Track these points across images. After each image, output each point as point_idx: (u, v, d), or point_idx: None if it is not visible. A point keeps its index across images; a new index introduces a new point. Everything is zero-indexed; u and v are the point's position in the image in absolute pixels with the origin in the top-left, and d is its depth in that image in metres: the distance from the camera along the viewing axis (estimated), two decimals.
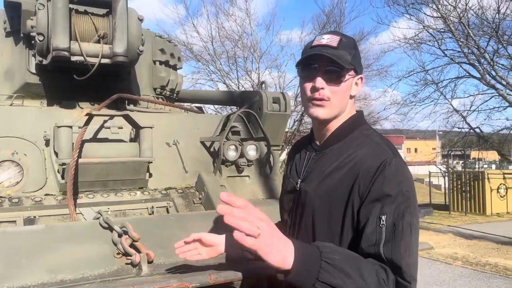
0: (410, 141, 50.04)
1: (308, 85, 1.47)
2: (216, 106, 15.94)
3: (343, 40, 1.46)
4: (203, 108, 5.51)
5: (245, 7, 18.84)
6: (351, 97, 1.52)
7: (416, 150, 47.48)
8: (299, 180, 1.57)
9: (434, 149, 27.98)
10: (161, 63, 4.19)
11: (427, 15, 13.58)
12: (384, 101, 16.87)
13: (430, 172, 20.82)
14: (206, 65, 18.97)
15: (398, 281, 1.25)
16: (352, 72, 1.47)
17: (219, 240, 1.78)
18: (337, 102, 1.47)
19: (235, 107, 4.32)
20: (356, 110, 1.58)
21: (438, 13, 12.91)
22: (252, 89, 17.54)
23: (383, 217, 1.28)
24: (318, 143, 1.58)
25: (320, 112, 1.47)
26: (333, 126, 1.52)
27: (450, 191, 17.50)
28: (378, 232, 1.28)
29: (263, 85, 4.00)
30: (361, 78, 1.52)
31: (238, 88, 18.16)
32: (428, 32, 13.80)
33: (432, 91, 14.84)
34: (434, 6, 12.98)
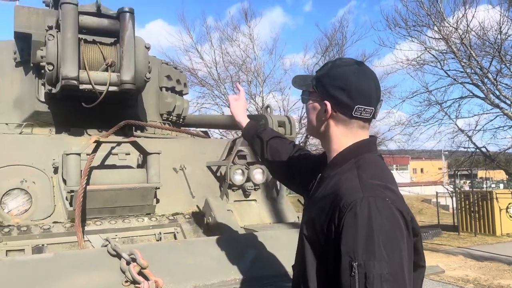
0: (416, 161, 49.73)
1: None
2: (222, 130, 16.00)
3: (321, 68, 1.55)
4: (209, 132, 5.54)
5: (248, 32, 19.15)
6: (323, 120, 1.50)
7: (422, 170, 47.15)
8: (308, 199, 1.61)
9: (440, 169, 27.76)
10: (167, 89, 4.25)
11: (429, 37, 13.75)
12: (388, 122, 16.88)
13: (437, 193, 20.61)
14: (211, 90, 19.20)
15: None
16: (315, 96, 1.52)
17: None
18: (308, 122, 1.60)
19: (240, 131, 4.34)
20: (370, 135, 1.53)
21: (440, 35, 13.06)
22: (256, 113, 17.64)
23: (355, 264, 1.22)
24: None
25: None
26: (325, 148, 1.56)
27: (458, 211, 17.27)
28: (352, 283, 1.22)
29: (268, 109, 4.03)
30: (325, 103, 1.47)
31: None
32: (430, 53, 13.94)
33: (436, 111, 14.86)
34: (436, 28, 13.14)
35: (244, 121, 2.12)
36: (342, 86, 1.43)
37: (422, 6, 13.27)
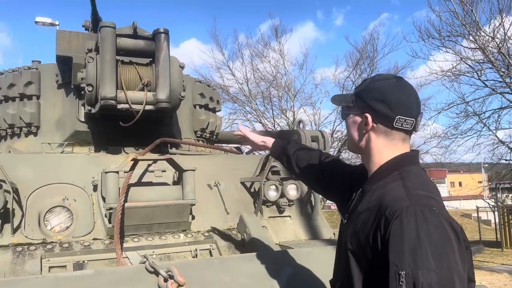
0: (454, 174, 48.07)
1: None
2: None
3: (360, 84, 1.60)
4: (241, 148, 5.57)
5: (279, 48, 19.27)
6: (364, 134, 1.50)
7: (460, 183, 45.55)
8: (346, 215, 1.59)
9: (480, 182, 26.74)
10: (201, 106, 4.32)
11: (464, 47, 13.40)
12: (424, 135, 16.33)
13: (477, 207, 19.83)
14: (242, 106, 19.36)
15: None
16: (355, 110, 1.54)
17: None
18: (348, 137, 1.63)
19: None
20: (411, 149, 1.53)
21: (476, 44, 12.71)
22: (287, 127, 17.63)
23: (402, 273, 1.19)
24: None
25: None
26: (366, 162, 1.55)
27: (501, 226, 16.52)
28: None
29: (301, 124, 4.02)
30: (366, 116, 1.48)
31: (274, 127, 18.31)
32: (466, 63, 13.56)
33: (474, 122, 14.36)
34: (471, 38, 12.82)
35: (269, 141, 2.19)
36: (382, 98, 1.45)
37: (457, 16, 12.98)
